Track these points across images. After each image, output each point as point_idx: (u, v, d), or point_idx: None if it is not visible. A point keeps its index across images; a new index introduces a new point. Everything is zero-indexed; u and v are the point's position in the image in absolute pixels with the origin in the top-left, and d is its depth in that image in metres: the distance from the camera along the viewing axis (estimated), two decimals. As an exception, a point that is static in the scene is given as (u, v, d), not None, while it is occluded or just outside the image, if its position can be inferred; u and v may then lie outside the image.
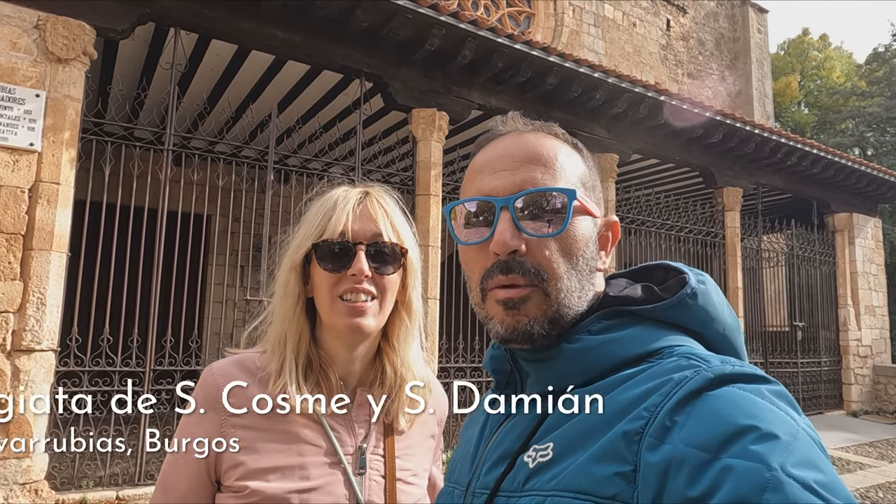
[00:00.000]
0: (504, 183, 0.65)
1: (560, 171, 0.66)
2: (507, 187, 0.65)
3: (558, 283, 0.63)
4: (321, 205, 0.96)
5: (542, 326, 0.63)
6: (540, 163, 0.66)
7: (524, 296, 0.63)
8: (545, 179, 0.65)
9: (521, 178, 0.65)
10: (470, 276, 0.68)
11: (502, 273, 0.64)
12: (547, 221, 0.64)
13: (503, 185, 0.65)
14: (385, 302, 0.93)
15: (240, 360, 0.94)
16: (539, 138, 0.69)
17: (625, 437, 0.53)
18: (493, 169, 0.67)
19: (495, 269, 0.64)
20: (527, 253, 0.63)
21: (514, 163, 0.66)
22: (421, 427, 1.01)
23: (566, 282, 0.64)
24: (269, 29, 5.12)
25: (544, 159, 0.66)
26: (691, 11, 14.34)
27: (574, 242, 0.65)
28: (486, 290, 0.65)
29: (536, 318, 0.63)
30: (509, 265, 0.63)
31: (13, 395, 3.87)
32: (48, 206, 4.10)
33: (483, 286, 0.65)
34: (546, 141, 0.69)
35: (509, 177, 0.66)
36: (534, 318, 0.63)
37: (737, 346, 0.67)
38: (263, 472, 0.85)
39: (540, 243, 0.64)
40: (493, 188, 0.66)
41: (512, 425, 0.67)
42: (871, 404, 10.04)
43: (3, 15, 4.10)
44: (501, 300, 0.64)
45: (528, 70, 6.04)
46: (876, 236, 10.78)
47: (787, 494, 0.43)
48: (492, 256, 0.64)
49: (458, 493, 0.70)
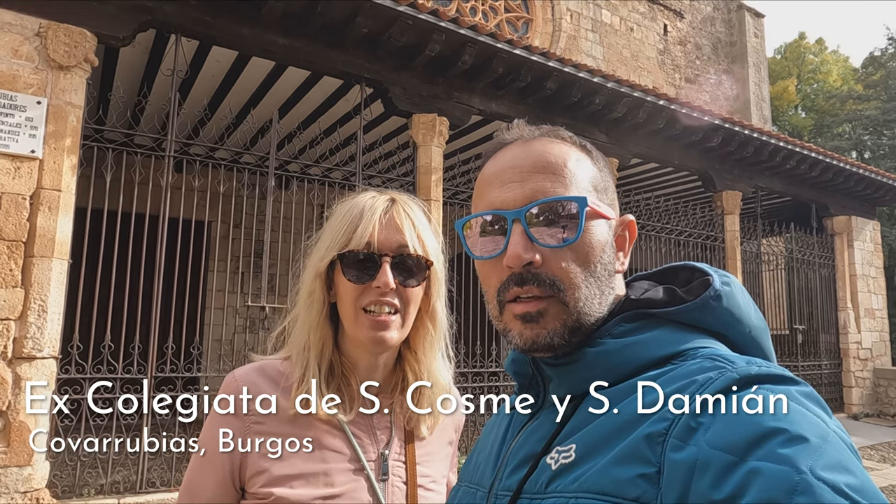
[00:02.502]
0: (514, 195, 0.65)
1: (570, 177, 0.65)
2: (518, 199, 0.64)
3: (576, 292, 0.63)
4: (347, 212, 0.95)
5: (561, 337, 0.63)
6: (549, 171, 0.65)
7: (542, 308, 0.63)
8: (555, 188, 0.64)
9: (530, 189, 0.64)
10: (486, 289, 0.68)
11: (517, 285, 0.63)
12: (560, 230, 0.63)
13: (513, 196, 0.65)
14: (408, 314, 0.93)
15: (262, 367, 0.94)
16: (546, 144, 0.68)
17: (648, 438, 0.52)
18: (502, 181, 0.66)
19: (510, 281, 0.64)
20: (542, 264, 0.63)
21: (523, 173, 0.66)
22: (440, 434, 1.01)
23: (584, 290, 0.63)
24: (270, 35, 5.13)
25: (553, 167, 0.66)
26: (688, 16, 14.40)
27: (590, 249, 0.64)
28: (504, 302, 0.65)
29: (556, 329, 0.63)
30: (524, 277, 0.63)
31: (14, 403, 3.85)
32: (49, 213, 4.10)
33: (500, 298, 0.65)
34: (553, 147, 0.68)
35: (519, 188, 0.65)
36: (553, 329, 0.63)
37: (764, 347, 0.66)
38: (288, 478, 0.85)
39: (555, 254, 0.63)
40: (504, 201, 0.65)
41: (534, 427, 0.67)
42: (872, 407, 10.04)
43: (5, 22, 4.11)
44: (519, 314, 0.64)
45: (527, 75, 6.06)
46: (875, 239, 10.80)
47: (817, 498, 0.42)
48: (506, 269, 0.64)
49: (480, 494, 0.69)
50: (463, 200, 6.33)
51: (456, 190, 6.27)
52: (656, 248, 7.80)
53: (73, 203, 4.25)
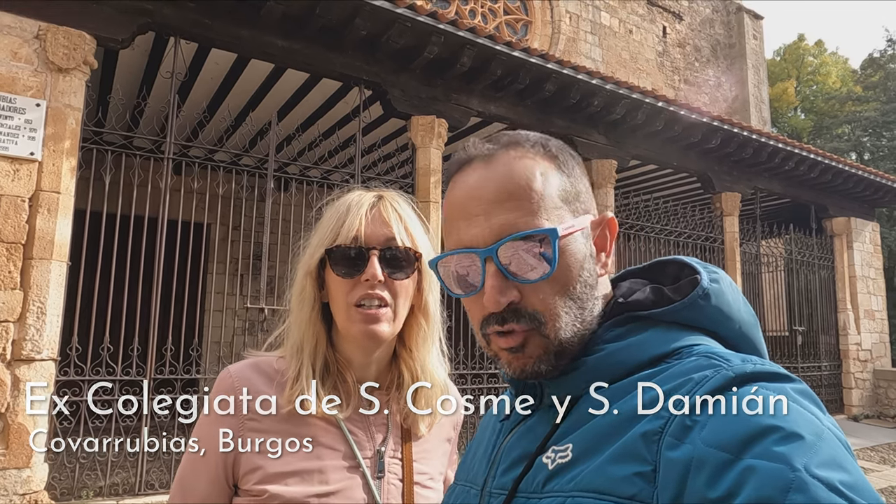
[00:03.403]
0: (481, 230, 0.62)
1: (537, 201, 0.62)
2: (486, 236, 0.62)
3: (556, 322, 0.62)
4: (335, 209, 0.96)
5: (548, 364, 0.63)
6: (514, 198, 0.62)
7: (522, 341, 0.63)
8: (525, 219, 0.62)
9: (497, 224, 0.62)
10: (471, 319, 0.68)
11: (498, 324, 0.63)
12: (535, 263, 0.61)
13: (481, 233, 0.62)
14: (399, 307, 0.93)
15: (257, 364, 0.94)
16: (507, 164, 0.64)
17: (644, 437, 0.52)
18: (467, 214, 0.64)
19: (492, 319, 0.63)
20: (521, 299, 0.62)
21: (488, 204, 0.63)
22: (437, 431, 1.00)
23: (564, 318, 0.62)
24: (269, 37, 5.14)
25: (517, 193, 0.63)
26: (687, 18, 14.43)
27: (568, 273, 0.63)
28: (487, 335, 0.65)
29: (540, 357, 0.63)
30: (504, 317, 0.62)
31: (13, 405, 3.85)
32: (48, 215, 4.10)
33: (484, 332, 0.65)
34: (515, 165, 0.64)
35: (485, 223, 0.62)
36: (538, 357, 0.63)
37: (756, 342, 0.66)
38: (282, 475, 0.85)
39: (533, 288, 0.62)
40: (472, 238, 0.63)
41: (529, 427, 0.67)
42: (872, 408, 10.04)
43: (4, 25, 4.12)
44: (504, 348, 0.64)
45: (526, 77, 6.06)
46: (874, 240, 10.80)
47: (811, 495, 0.42)
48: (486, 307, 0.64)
49: (473, 492, 0.69)
50: (462, 202, 6.32)
51: (455, 192, 6.25)
52: (655, 249, 7.80)
53: (72, 205, 4.25)
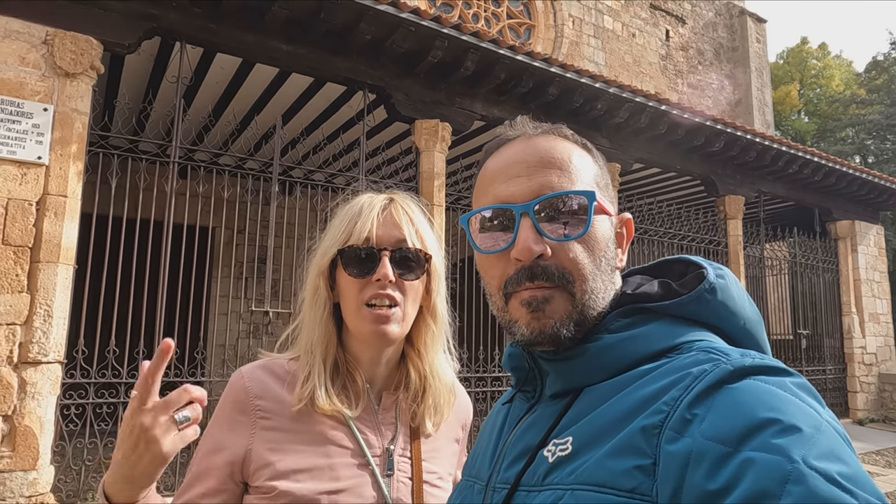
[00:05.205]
0: (521, 189, 0.65)
1: (575, 172, 0.66)
2: (525, 193, 0.64)
3: (584, 284, 0.63)
4: (347, 211, 0.97)
5: (568, 329, 0.63)
6: (555, 166, 0.66)
7: (548, 295, 0.63)
8: (562, 182, 0.65)
9: (538, 183, 0.65)
10: (489, 282, 0.68)
11: (528, 280, 0.63)
12: (569, 224, 0.63)
13: (520, 190, 0.65)
14: (408, 308, 0.94)
15: (268, 364, 0.96)
16: (550, 141, 0.68)
17: (644, 430, 0.53)
18: (507, 175, 0.66)
19: (521, 276, 0.63)
20: (551, 257, 0.63)
21: (529, 167, 0.66)
22: (446, 431, 1.01)
23: (591, 283, 0.64)
24: (274, 42, 5.17)
25: (559, 162, 0.66)
26: (690, 22, 14.43)
27: (596, 243, 0.65)
28: (510, 293, 0.65)
29: (562, 320, 0.63)
30: (534, 271, 0.63)
31: (20, 408, 3.87)
32: (55, 218, 4.12)
33: (507, 291, 0.65)
34: (557, 143, 0.68)
35: (526, 182, 0.65)
36: (559, 320, 0.63)
37: (759, 339, 0.66)
38: (293, 472, 0.86)
39: (563, 247, 0.63)
40: (511, 194, 0.65)
41: (531, 421, 0.68)
42: (877, 412, 9.98)
43: (13, 30, 4.16)
44: (526, 300, 0.63)
45: (529, 81, 6.08)
46: (878, 243, 10.77)
47: (809, 487, 0.42)
48: (514, 263, 0.64)
49: (477, 487, 0.70)
50: (465, 205, 6.34)
51: (458, 195, 6.28)
52: (659, 252, 7.79)
53: (78, 209, 4.28)
